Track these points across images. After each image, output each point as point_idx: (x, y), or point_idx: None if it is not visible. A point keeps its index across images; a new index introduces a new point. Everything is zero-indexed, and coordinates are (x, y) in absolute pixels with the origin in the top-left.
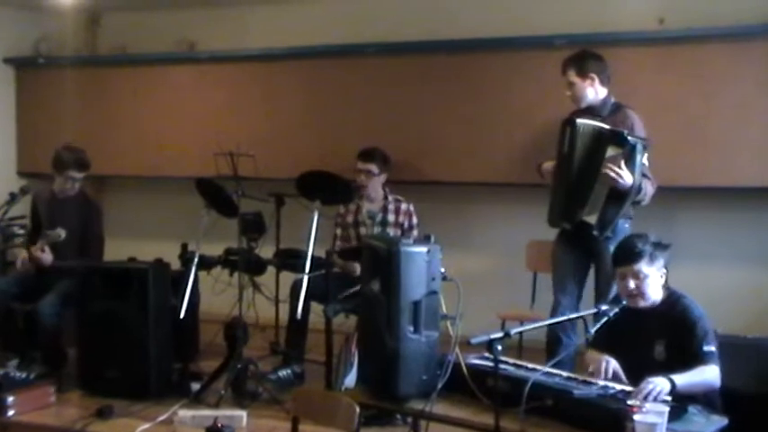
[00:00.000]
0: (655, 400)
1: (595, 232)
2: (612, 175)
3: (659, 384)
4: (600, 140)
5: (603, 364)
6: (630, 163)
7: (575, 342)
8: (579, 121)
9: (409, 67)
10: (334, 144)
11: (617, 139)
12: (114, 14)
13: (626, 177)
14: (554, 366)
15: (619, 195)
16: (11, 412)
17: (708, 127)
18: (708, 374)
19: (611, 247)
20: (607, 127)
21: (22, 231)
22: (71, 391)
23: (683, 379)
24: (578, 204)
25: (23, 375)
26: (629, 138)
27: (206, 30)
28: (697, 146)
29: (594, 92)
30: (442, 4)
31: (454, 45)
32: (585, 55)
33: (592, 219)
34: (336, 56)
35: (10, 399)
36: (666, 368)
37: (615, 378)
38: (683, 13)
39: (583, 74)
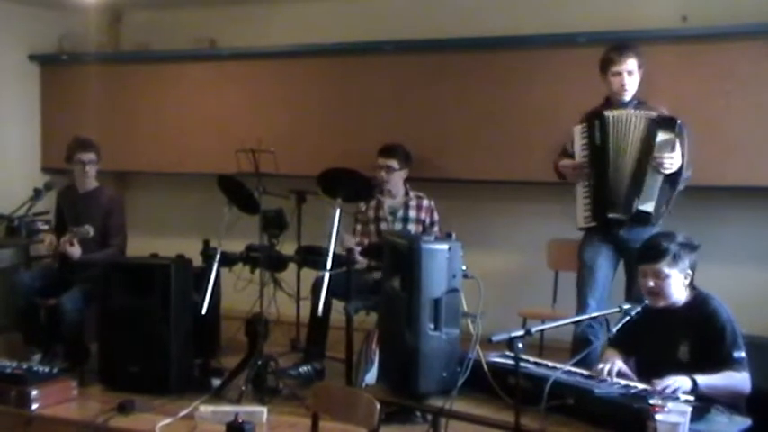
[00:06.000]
0: (673, 393)
1: (653, 221)
2: (666, 163)
3: (679, 381)
4: (649, 127)
5: (608, 366)
6: (681, 145)
7: (602, 341)
8: (607, 113)
9: (430, 64)
10: (354, 141)
11: (667, 124)
12: (136, 12)
13: (676, 162)
14: (580, 366)
15: (670, 179)
16: (34, 405)
17: (730, 125)
18: (737, 381)
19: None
20: (655, 114)
21: (46, 227)
22: (93, 385)
23: (707, 380)
24: (633, 194)
25: (46, 369)
26: (677, 121)
27: (227, 27)
28: (719, 145)
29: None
30: (462, 1)
31: (475, 42)
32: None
33: (647, 207)
34: (356, 53)
35: (33, 392)
36: (690, 369)
37: (623, 378)
38: (707, 10)
39: (642, 66)
